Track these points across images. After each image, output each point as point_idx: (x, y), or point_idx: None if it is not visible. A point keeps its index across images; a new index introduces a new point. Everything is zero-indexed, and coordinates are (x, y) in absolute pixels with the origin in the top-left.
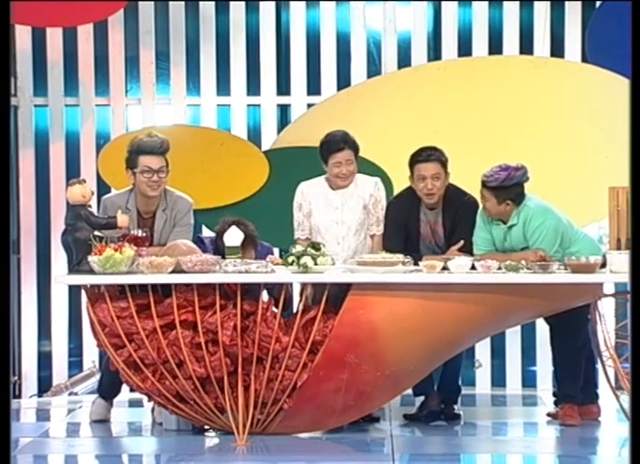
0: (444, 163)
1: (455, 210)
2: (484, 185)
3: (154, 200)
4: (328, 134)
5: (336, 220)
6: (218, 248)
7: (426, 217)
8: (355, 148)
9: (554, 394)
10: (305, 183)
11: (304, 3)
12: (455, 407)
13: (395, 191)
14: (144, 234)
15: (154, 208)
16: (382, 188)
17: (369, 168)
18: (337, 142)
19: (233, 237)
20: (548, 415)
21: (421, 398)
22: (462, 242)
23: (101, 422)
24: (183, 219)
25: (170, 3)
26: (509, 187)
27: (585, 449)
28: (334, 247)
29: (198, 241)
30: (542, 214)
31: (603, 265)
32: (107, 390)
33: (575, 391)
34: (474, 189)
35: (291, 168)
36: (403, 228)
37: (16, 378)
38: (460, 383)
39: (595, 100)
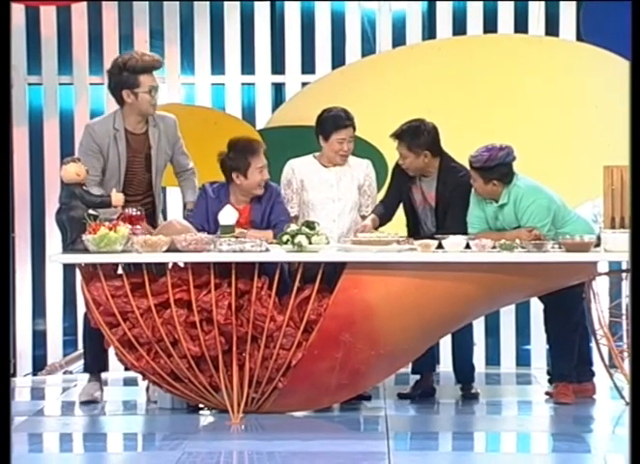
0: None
1: (449, 187)
2: (470, 165)
3: (143, 118)
4: (329, 110)
5: (333, 198)
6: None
7: (420, 184)
8: (354, 127)
9: (548, 373)
10: (293, 160)
11: None
12: (473, 385)
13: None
14: (139, 212)
15: (143, 125)
16: (373, 169)
17: (364, 147)
18: (343, 118)
19: (227, 216)
20: (547, 393)
21: (417, 377)
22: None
23: (91, 403)
24: (176, 134)
25: None
26: (493, 167)
27: (579, 428)
28: (329, 225)
29: (202, 189)
30: (533, 193)
31: (597, 244)
32: (92, 364)
33: (569, 369)
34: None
35: (285, 147)
36: (399, 189)
37: (11, 357)
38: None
39: (589, 78)
